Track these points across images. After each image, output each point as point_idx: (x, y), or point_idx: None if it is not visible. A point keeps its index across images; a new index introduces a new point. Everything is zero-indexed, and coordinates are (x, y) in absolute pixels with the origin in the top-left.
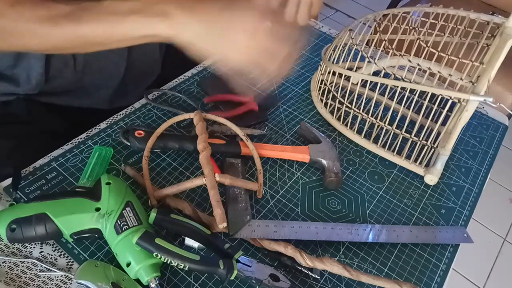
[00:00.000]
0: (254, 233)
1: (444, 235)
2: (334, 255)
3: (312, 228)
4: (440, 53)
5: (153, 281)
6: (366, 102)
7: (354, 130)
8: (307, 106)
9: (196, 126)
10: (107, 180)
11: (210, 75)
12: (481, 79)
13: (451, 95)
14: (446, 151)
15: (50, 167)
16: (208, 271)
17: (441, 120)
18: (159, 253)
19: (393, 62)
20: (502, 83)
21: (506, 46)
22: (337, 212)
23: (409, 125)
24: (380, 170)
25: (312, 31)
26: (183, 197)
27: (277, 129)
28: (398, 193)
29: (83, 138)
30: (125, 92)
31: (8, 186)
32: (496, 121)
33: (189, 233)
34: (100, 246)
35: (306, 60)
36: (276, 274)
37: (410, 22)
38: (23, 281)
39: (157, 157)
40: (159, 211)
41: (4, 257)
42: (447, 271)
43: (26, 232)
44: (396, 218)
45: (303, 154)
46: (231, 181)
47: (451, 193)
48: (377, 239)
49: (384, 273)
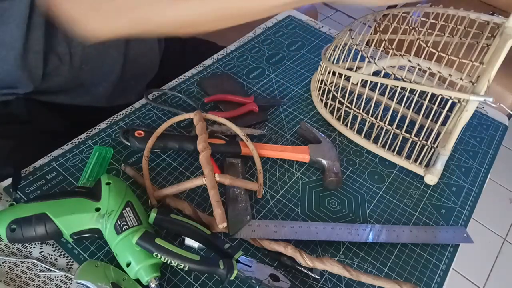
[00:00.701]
0: (254, 233)
1: (444, 235)
2: (334, 255)
3: (312, 228)
4: (440, 53)
5: (153, 281)
6: (366, 102)
7: (354, 130)
8: (307, 106)
9: (196, 126)
10: (107, 180)
11: (210, 75)
12: (481, 79)
13: (451, 95)
14: (446, 151)
15: (50, 167)
16: (208, 271)
17: (441, 120)
18: (159, 253)
19: (393, 62)
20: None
21: (506, 46)
22: (337, 212)
23: (409, 125)
24: (380, 170)
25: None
26: (183, 197)
27: (277, 129)
28: (398, 193)
29: (83, 138)
30: (124, 89)
31: (8, 186)
32: (496, 121)
33: (189, 233)
34: (100, 246)
35: (306, 60)
36: (276, 274)
37: (410, 22)
38: (23, 281)
39: (157, 157)
40: (159, 211)
41: (4, 257)
42: (447, 271)
43: (26, 232)
44: (396, 218)
45: (303, 154)
46: (231, 181)
47: (451, 193)
48: (377, 239)
49: (384, 273)
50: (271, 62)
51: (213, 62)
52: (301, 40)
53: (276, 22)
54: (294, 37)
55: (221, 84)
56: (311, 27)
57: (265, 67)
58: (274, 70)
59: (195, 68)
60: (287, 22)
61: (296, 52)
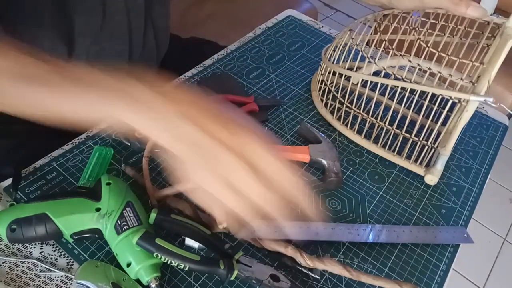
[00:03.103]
0: (254, 233)
1: (444, 235)
2: (335, 255)
3: (312, 228)
4: (441, 53)
5: (153, 281)
6: (367, 102)
7: (354, 130)
8: (307, 106)
9: None
10: (107, 180)
11: (210, 75)
12: (482, 79)
13: (451, 95)
14: (446, 151)
15: (50, 167)
16: (209, 271)
17: (441, 120)
18: (159, 253)
19: (393, 62)
20: (502, 83)
21: (506, 46)
22: (337, 212)
23: (409, 125)
24: (380, 170)
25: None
26: (184, 197)
27: (277, 129)
28: (398, 193)
29: (83, 138)
30: None
31: (8, 186)
32: (496, 121)
33: (189, 233)
34: (100, 246)
35: (306, 60)
36: (276, 274)
37: (410, 22)
38: (23, 281)
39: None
40: (160, 211)
41: (4, 257)
42: (447, 271)
43: (26, 232)
44: (396, 218)
45: (303, 154)
46: None
47: (451, 193)
48: (377, 239)
49: (385, 273)
50: (271, 62)
51: (213, 62)
52: (301, 40)
53: (276, 22)
54: (294, 37)
55: (221, 84)
56: (311, 27)
57: (265, 67)
58: (274, 70)
59: (195, 68)
60: (287, 22)
61: (296, 52)
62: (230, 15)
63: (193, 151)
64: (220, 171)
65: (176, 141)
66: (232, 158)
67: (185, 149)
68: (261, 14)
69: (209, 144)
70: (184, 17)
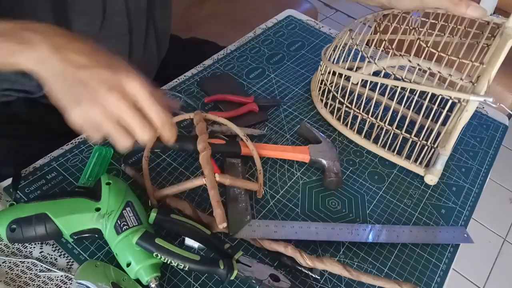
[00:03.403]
0: (254, 233)
1: (444, 235)
2: (334, 255)
3: (312, 228)
4: (440, 53)
5: (153, 281)
6: (366, 102)
7: (354, 130)
8: (307, 106)
9: (196, 126)
10: (107, 180)
11: (210, 75)
12: (481, 79)
13: (451, 95)
14: (446, 151)
15: (50, 167)
16: (208, 271)
17: (441, 120)
18: (159, 253)
19: (393, 62)
20: (502, 83)
21: (506, 46)
22: (337, 212)
23: (409, 125)
24: (380, 170)
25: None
26: (183, 197)
27: (277, 129)
28: (398, 193)
29: (83, 138)
30: None
31: (8, 186)
32: (496, 121)
33: (189, 233)
34: (100, 246)
35: (306, 60)
36: (276, 274)
37: (410, 22)
38: (23, 281)
39: (157, 157)
40: (159, 211)
41: (4, 257)
42: (447, 271)
43: (26, 232)
44: (396, 218)
45: (303, 154)
46: (231, 181)
47: (451, 193)
48: (377, 239)
49: (384, 273)
50: (271, 62)
51: (213, 62)
52: (301, 40)
53: (276, 22)
54: (294, 37)
55: (221, 84)
56: (311, 27)
57: (265, 67)
58: (274, 70)
59: (195, 68)
60: (287, 22)
61: (296, 52)
62: (230, 15)
63: (65, 89)
64: (94, 101)
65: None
66: (107, 90)
67: (58, 87)
68: (261, 14)
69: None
70: (184, 17)
